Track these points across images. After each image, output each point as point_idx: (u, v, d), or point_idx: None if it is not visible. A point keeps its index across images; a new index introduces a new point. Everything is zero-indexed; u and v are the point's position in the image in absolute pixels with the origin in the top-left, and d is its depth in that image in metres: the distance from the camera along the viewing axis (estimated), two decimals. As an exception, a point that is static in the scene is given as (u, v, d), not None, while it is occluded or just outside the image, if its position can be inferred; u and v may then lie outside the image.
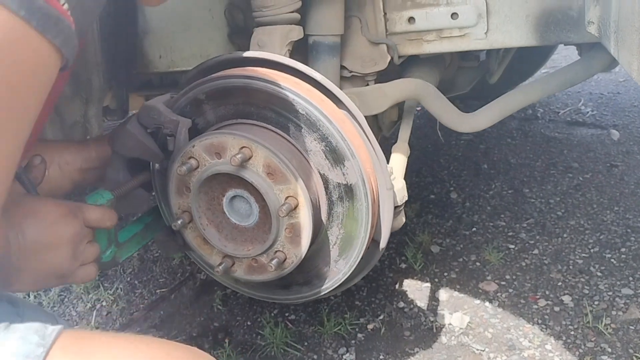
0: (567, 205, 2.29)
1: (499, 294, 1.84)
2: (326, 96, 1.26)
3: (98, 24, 1.48)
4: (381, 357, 1.66)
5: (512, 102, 1.55)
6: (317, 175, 1.27)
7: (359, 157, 1.21)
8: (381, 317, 1.80)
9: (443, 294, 1.88)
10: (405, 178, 1.51)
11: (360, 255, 1.30)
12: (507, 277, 1.92)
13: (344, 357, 1.68)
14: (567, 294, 1.81)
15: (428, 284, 1.93)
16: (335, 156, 1.23)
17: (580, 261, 1.95)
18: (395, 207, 1.33)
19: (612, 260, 1.93)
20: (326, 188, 1.27)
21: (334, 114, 1.22)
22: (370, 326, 1.77)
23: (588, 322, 1.67)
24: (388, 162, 1.42)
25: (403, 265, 2.04)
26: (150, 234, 1.41)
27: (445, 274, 1.97)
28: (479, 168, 2.70)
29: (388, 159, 1.48)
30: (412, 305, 1.84)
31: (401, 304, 1.85)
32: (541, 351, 1.60)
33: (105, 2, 0.85)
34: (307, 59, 1.53)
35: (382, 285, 1.95)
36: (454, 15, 1.47)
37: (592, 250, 2.00)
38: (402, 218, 1.39)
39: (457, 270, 1.99)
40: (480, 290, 1.87)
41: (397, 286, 1.94)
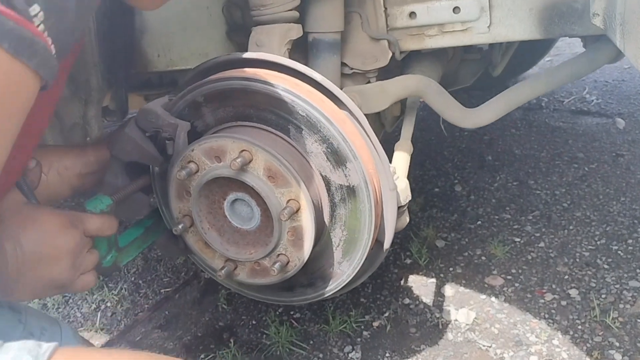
0: (573, 197, 2.27)
1: (505, 289, 1.83)
2: (326, 96, 1.24)
3: (95, 24, 1.46)
4: (387, 354, 1.65)
5: (516, 96, 1.53)
6: (319, 177, 1.25)
7: (360, 158, 1.19)
8: (386, 314, 1.79)
9: (449, 290, 1.86)
10: (408, 173, 1.49)
11: (364, 256, 1.29)
12: (513, 271, 1.90)
13: (350, 355, 1.67)
14: (574, 287, 1.79)
15: (433, 280, 1.92)
16: (337, 158, 1.21)
17: (586, 254, 1.93)
18: (399, 207, 1.31)
19: (619, 252, 1.91)
20: (328, 190, 1.26)
21: (335, 114, 1.20)
22: (375, 324, 1.76)
23: (595, 315, 1.65)
24: (390, 161, 1.41)
25: (408, 261, 2.03)
26: (151, 238, 1.40)
27: (451, 269, 1.96)
28: (484, 160, 2.67)
29: (390, 157, 1.46)
30: (417, 302, 1.83)
31: (406, 301, 1.84)
32: (548, 346, 1.59)
33: (89, 19, 0.83)
34: (306, 56, 1.51)
35: (387, 281, 1.94)
36: (455, 10, 1.44)
37: (598, 243, 1.98)
38: (406, 218, 1.37)
39: (462, 265, 1.97)
40: (486, 285, 1.86)
41: (402, 282, 1.93)
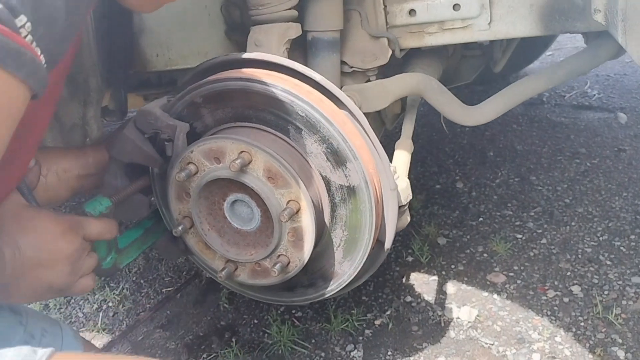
0: (575, 192, 2.26)
1: (507, 286, 1.82)
2: (326, 96, 1.23)
3: (94, 24, 1.45)
4: (389, 353, 1.65)
5: (517, 93, 1.52)
6: (319, 178, 1.24)
7: (361, 159, 1.18)
8: (388, 312, 1.79)
9: (450, 287, 1.86)
10: (409, 171, 1.49)
11: (365, 256, 1.28)
12: (515, 268, 1.89)
13: (352, 354, 1.66)
14: (577, 284, 1.78)
15: (435, 277, 1.91)
16: (337, 158, 1.20)
17: (589, 250, 1.92)
18: (400, 206, 1.30)
19: (622, 248, 1.91)
20: (328, 190, 1.25)
21: (335, 115, 1.19)
22: (377, 322, 1.76)
23: (598, 312, 1.65)
24: (391, 159, 1.40)
25: (409, 258, 2.02)
26: (151, 239, 1.40)
27: (453, 266, 1.95)
28: (485, 156, 2.66)
29: (391, 155, 1.45)
30: (419, 300, 1.83)
31: (408, 298, 1.84)
32: (551, 344, 1.58)
33: (80, 26, 0.83)
34: (306, 55, 1.50)
35: (389, 279, 1.94)
36: (456, 7, 1.43)
37: (601, 238, 1.97)
38: (407, 217, 1.37)
39: (464, 262, 1.96)
40: (488, 282, 1.85)
41: (404, 280, 1.93)
